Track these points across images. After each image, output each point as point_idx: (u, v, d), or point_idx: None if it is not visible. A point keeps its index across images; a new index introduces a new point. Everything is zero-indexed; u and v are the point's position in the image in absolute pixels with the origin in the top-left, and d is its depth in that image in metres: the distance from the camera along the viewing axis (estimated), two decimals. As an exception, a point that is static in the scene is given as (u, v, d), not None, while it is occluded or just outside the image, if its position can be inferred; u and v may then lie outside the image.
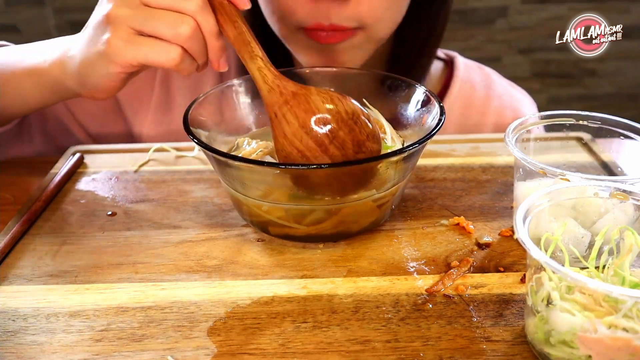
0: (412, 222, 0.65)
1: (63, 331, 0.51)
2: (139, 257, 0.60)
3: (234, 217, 0.66)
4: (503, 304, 0.53)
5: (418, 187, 0.72)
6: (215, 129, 0.66)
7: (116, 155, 0.81)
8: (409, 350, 0.48)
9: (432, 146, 0.80)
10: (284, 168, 0.57)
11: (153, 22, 0.59)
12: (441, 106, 0.62)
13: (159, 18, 0.59)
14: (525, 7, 2.62)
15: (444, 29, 0.91)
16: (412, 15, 0.84)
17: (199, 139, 0.58)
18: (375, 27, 0.78)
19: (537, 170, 0.56)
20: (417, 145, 0.56)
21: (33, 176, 0.78)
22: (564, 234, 0.52)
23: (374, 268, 0.58)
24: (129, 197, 0.71)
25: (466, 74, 0.99)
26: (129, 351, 0.49)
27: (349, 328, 0.51)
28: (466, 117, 0.97)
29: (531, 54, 2.67)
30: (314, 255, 0.60)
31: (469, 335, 0.50)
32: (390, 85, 0.70)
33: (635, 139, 0.62)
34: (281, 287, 0.56)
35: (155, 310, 0.53)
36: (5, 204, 0.73)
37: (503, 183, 0.72)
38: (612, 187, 0.52)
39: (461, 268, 0.57)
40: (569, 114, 0.65)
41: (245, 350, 0.49)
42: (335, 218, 0.58)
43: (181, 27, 0.58)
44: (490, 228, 0.64)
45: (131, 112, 0.93)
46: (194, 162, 0.78)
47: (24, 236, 0.64)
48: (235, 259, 0.60)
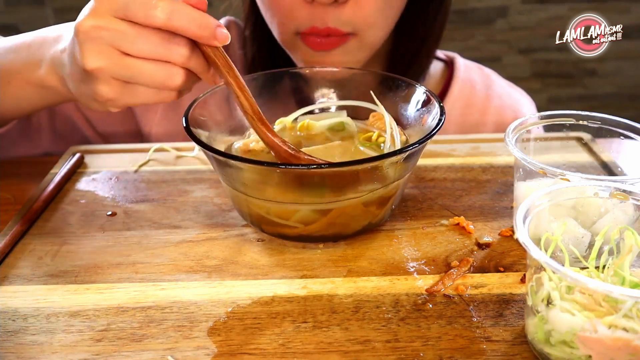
0: (412, 222, 0.65)
1: (63, 331, 0.51)
2: (139, 257, 0.60)
3: (234, 217, 0.66)
4: (503, 304, 0.53)
5: (418, 187, 0.72)
6: (216, 129, 0.66)
7: (116, 155, 0.81)
8: (409, 350, 0.48)
9: (432, 146, 0.80)
10: (284, 168, 0.57)
11: (140, 78, 0.55)
12: (441, 106, 0.62)
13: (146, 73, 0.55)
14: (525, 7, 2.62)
15: (443, 29, 0.92)
16: (409, 15, 0.85)
17: (199, 139, 0.58)
18: (368, 34, 0.79)
19: (537, 170, 0.56)
20: (417, 145, 0.56)
21: (33, 176, 0.78)
22: (564, 234, 0.52)
23: (374, 268, 0.58)
24: (129, 197, 0.71)
25: (466, 74, 0.99)
26: (129, 351, 0.49)
27: (349, 328, 0.51)
28: (466, 118, 0.97)
29: (531, 54, 2.67)
30: (314, 255, 0.60)
31: (469, 335, 0.50)
32: (390, 85, 0.70)
33: (635, 139, 0.62)
34: (281, 287, 0.56)
35: (155, 310, 0.53)
36: (5, 204, 0.73)
37: (503, 183, 0.72)
38: (612, 187, 0.52)
39: (461, 268, 0.57)
40: (569, 114, 0.64)
41: (245, 350, 0.49)
42: (324, 220, 0.58)
43: (171, 80, 0.56)
44: (490, 228, 0.64)
45: (140, 111, 0.94)
46: (194, 162, 0.78)
47: (24, 236, 0.64)
48: (235, 259, 0.60)
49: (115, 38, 0.54)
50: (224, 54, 0.57)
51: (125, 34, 0.54)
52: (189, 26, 0.54)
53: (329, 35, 0.77)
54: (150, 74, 0.55)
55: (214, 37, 0.55)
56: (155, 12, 0.52)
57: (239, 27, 0.98)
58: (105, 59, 0.55)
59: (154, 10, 0.52)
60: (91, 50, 0.55)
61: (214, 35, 0.55)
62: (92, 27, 0.54)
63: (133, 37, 0.54)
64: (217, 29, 0.55)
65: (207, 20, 0.54)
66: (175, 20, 0.53)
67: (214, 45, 0.56)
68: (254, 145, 0.65)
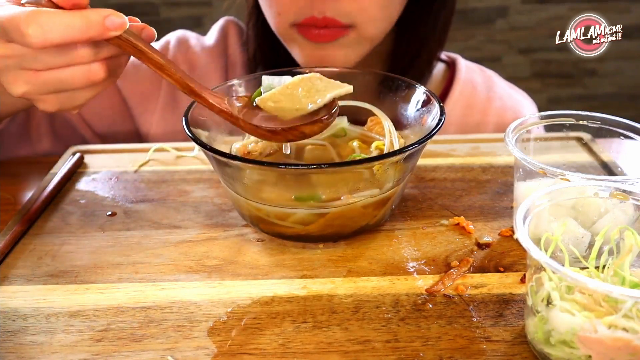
0: (412, 222, 0.65)
1: (63, 331, 0.51)
2: (138, 257, 0.60)
3: (234, 217, 0.66)
4: (503, 304, 0.53)
5: (418, 187, 0.72)
6: (215, 128, 0.66)
7: (116, 155, 0.81)
8: (409, 350, 0.48)
9: (432, 146, 0.80)
10: (284, 168, 0.57)
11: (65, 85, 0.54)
12: (441, 106, 0.62)
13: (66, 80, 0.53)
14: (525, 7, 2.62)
15: (446, 31, 0.91)
16: (411, 14, 0.84)
17: (199, 139, 0.58)
18: (366, 26, 0.78)
19: (537, 170, 0.56)
20: (417, 146, 0.56)
21: (33, 176, 0.78)
22: (564, 234, 0.52)
23: (374, 268, 0.58)
24: (129, 197, 0.71)
25: (468, 75, 0.99)
26: (129, 351, 0.49)
27: (349, 328, 0.51)
28: (467, 119, 0.97)
29: (531, 54, 2.67)
30: (314, 255, 0.60)
31: (469, 335, 0.50)
32: (390, 85, 0.70)
33: (635, 139, 0.62)
34: (281, 287, 0.56)
35: (155, 310, 0.53)
36: (5, 204, 0.73)
37: (503, 183, 0.72)
38: (612, 187, 0.52)
39: (461, 268, 0.57)
40: (569, 114, 0.64)
41: (245, 350, 0.49)
42: (322, 221, 0.58)
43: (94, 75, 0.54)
44: (490, 228, 0.64)
45: (138, 112, 0.93)
46: (194, 162, 0.78)
47: (24, 236, 0.64)
48: (235, 259, 0.60)
49: (20, 62, 0.52)
50: (131, 39, 0.54)
51: (24, 55, 0.52)
52: (69, 34, 0.50)
53: (327, 26, 0.76)
54: (71, 78, 0.53)
55: (106, 30, 0.51)
56: (28, 36, 0.49)
57: (238, 27, 0.98)
58: (24, 83, 0.53)
59: (27, 34, 0.49)
60: (9, 81, 0.54)
61: (105, 28, 0.51)
62: None
63: (32, 56, 0.52)
64: (105, 20, 0.51)
65: (89, 18, 0.50)
66: (52, 36, 0.49)
67: (111, 37, 0.52)
68: (253, 147, 0.65)
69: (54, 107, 0.56)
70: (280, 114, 0.58)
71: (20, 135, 0.86)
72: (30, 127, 0.88)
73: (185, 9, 2.57)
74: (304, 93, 0.58)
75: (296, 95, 0.58)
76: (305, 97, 0.58)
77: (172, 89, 0.93)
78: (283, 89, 0.59)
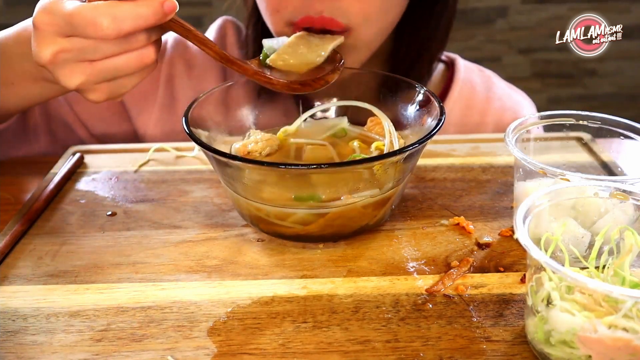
0: (412, 222, 0.65)
1: (63, 331, 0.51)
2: (139, 257, 0.60)
3: (234, 217, 0.66)
4: (503, 304, 0.53)
5: (418, 187, 0.72)
6: (216, 128, 0.66)
7: (116, 155, 0.81)
8: (409, 350, 0.48)
9: (432, 146, 0.80)
10: (284, 168, 0.57)
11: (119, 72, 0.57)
12: (441, 106, 0.62)
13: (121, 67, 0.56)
14: (525, 7, 2.62)
15: (448, 32, 0.91)
16: (413, 17, 0.84)
17: (199, 139, 0.58)
18: (363, 29, 0.76)
19: (537, 170, 0.56)
20: (417, 146, 0.56)
21: (33, 176, 0.78)
22: (564, 234, 0.52)
23: (374, 268, 0.58)
24: (129, 197, 0.71)
25: (467, 76, 0.98)
26: (129, 351, 0.49)
27: (349, 328, 0.51)
28: (467, 119, 0.97)
29: (531, 54, 2.67)
30: (314, 255, 0.60)
31: (469, 335, 0.50)
32: (391, 85, 0.70)
33: (635, 139, 0.62)
34: (281, 287, 0.56)
35: (155, 310, 0.53)
36: (5, 204, 0.73)
37: (503, 183, 0.72)
38: (612, 187, 0.52)
39: (461, 268, 0.57)
40: (569, 114, 0.64)
41: (245, 350, 0.49)
42: (322, 221, 0.58)
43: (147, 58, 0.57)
44: (490, 228, 0.64)
45: (135, 112, 0.93)
46: (194, 162, 0.78)
47: (24, 236, 0.64)
48: (235, 259, 0.60)
49: (78, 54, 0.55)
50: (179, 20, 0.58)
51: (85, 47, 0.55)
52: (140, 23, 0.54)
53: (323, 26, 0.76)
54: (126, 64, 0.56)
55: (165, 15, 0.55)
56: (103, 28, 0.53)
57: (236, 27, 0.98)
58: (81, 74, 0.56)
59: (101, 27, 0.53)
60: (65, 74, 0.56)
61: (164, 13, 0.55)
62: (52, 54, 0.55)
63: (93, 47, 0.55)
64: (163, 5, 0.55)
65: (152, 6, 0.54)
66: (125, 26, 0.53)
67: (168, 20, 0.56)
68: (253, 147, 0.65)
69: (104, 96, 0.59)
70: (294, 69, 0.64)
71: (17, 135, 0.86)
72: (27, 127, 0.88)
73: (185, 9, 2.55)
74: (305, 49, 0.66)
75: (301, 52, 0.65)
76: (309, 53, 0.65)
77: (169, 89, 0.93)
78: (285, 48, 0.66)
